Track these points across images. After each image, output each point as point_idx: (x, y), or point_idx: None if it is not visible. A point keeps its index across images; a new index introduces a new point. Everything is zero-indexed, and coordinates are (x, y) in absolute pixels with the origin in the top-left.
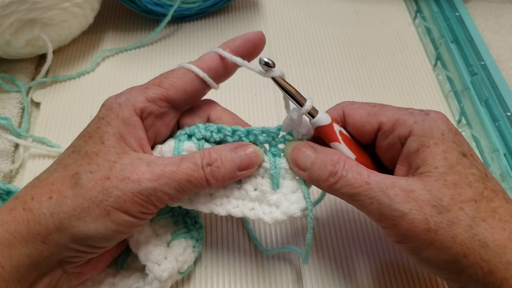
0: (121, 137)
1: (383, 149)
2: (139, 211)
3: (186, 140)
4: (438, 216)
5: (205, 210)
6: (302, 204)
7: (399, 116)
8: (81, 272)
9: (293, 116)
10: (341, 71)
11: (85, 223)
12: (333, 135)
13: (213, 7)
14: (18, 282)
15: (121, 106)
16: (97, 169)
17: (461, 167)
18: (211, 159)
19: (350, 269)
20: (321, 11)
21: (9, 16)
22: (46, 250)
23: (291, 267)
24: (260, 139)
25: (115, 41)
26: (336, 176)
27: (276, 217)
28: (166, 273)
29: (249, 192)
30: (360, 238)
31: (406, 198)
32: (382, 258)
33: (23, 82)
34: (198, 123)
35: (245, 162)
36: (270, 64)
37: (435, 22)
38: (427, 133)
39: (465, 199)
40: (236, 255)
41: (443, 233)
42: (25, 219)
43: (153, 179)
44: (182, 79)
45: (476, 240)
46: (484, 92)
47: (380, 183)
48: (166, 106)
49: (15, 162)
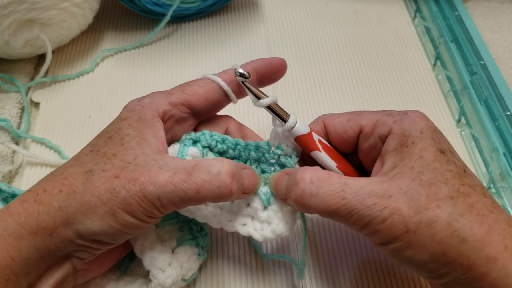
0: (141, 139)
1: (365, 152)
2: (144, 214)
3: (191, 146)
4: (416, 217)
5: (200, 219)
6: (291, 222)
7: (378, 117)
8: (88, 269)
9: (278, 130)
10: (340, 70)
11: (91, 220)
12: (312, 144)
13: (213, 7)
14: (28, 275)
15: (144, 108)
16: (111, 168)
17: (438, 164)
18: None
19: (349, 269)
20: (320, 11)
21: (8, 16)
22: (53, 244)
23: (291, 267)
24: (252, 155)
25: (114, 41)
26: (304, 196)
27: (266, 235)
28: (170, 280)
29: (241, 207)
30: (360, 238)
31: (384, 205)
32: (382, 258)
33: (22, 82)
34: (204, 131)
35: (250, 184)
36: (246, 75)
37: (434, 21)
38: (406, 132)
39: (441, 196)
40: (236, 257)
41: (421, 233)
42: (36, 210)
43: (160, 185)
44: (204, 87)
45: (455, 237)
46: (483, 91)
47: (357, 195)
48: (187, 111)
49: (14, 162)
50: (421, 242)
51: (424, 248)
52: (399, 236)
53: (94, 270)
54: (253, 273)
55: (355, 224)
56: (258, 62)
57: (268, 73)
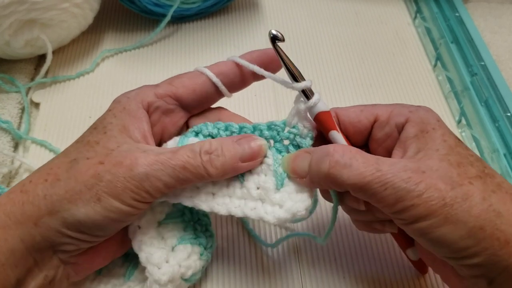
0: (124, 128)
1: (379, 141)
2: (132, 198)
3: (192, 137)
4: (452, 191)
5: (206, 208)
6: (307, 202)
7: (392, 108)
8: (76, 263)
9: (300, 108)
10: (340, 71)
11: (76, 207)
12: (332, 123)
13: (213, 7)
14: (15, 268)
15: (130, 99)
16: (94, 155)
17: (460, 148)
18: (211, 147)
19: (350, 269)
20: (320, 11)
21: (8, 17)
22: (38, 234)
23: (291, 267)
24: (265, 134)
25: (114, 41)
26: (338, 166)
27: (279, 216)
28: (165, 276)
29: (251, 190)
30: (360, 238)
31: (420, 179)
32: (382, 258)
33: (22, 83)
34: (207, 122)
35: (247, 152)
36: (279, 37)
37: (435, 22)
38: (424, 120)
39: (471, 175)
40: (236, 257)
41: (458, 207)
42: (21, 200)
43: (147, 164)
44: (192, 79)
45: (491, 211)
46: (484, 92)
47: (392, 168)
48: (174, 103)
49: (14, 163)
50: (459, 216)
51: (461, 223)
52: (435, 210)
53: (85, 266)
54: (248, 266)
55: (387, 199)
56: (254, 54)
57: (264, 64)
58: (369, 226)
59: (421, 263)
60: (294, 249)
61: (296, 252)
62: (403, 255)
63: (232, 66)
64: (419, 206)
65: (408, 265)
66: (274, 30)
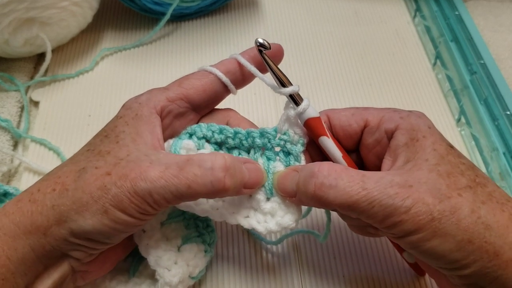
0: (137, 135)
1: (369, 147)
2: (137, 211)
3: (186, 139)
4: (440, 205)
5: (200, 213)
6: (296, 215)
7: (384, 113)
8: (87, 271)
9: (290, 114)
10: (340, 70)
11: (84, 218)
12: (321, 129)
13: (212, 5)
14: (25, 275)
15: (141, 105)
16: (103, 165)
17: (451, 157)
18: (227, 164)
19: (349, 268)
20: (320, 10)
21: (7, 15)
22: (48, 244)
23: (290, 265)
24: (257, 142)
25: (114, 40)
26: (323, 188)
27: (270, 227)
28: (176, 278)
29: (243, 199)
30: (360, 238)
31: (407, 194)
32: (382, 258)
33: (22, 81)
34: (201, 123)
35: (253, 179)
36: (266, 45)
37: (434, 21)
38: (414, 127)
39: (461, 186)
40: (236, 255)
41: (446, 221)
42: (30, 210)
43: (150, 180)
44: (201, 80)
45: (479, 223)
46: (483, 91)
47: (378, 185)
48: (186, 106)
49: (13, 161)
50: (447, 230)
51: (450, 237)
52: (424, 225)
53: (94, 272)
54: (248, 266)
55: (376, 216)
56: (252, 52)
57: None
58: (364, 231)
59: (418, 266)
60: (294, 247)
61: (295, 250)
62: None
63: (235, 64)
64: (407, 221)
65: (407, 265)
66: (261, 39)
